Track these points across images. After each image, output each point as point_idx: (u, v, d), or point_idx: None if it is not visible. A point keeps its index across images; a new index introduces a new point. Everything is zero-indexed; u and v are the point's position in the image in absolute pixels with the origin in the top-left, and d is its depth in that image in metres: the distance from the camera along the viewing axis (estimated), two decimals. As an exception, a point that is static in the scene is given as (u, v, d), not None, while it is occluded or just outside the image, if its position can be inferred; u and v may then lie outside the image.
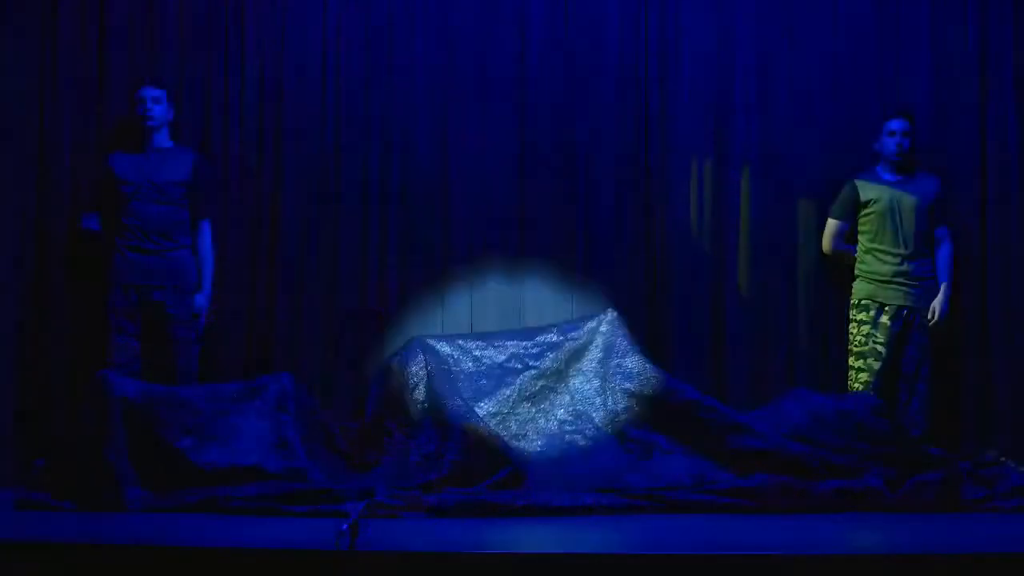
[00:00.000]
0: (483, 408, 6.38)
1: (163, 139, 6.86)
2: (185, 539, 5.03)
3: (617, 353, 6.55)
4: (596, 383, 6.51)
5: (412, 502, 5.78)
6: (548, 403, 6.47)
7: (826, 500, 5.94)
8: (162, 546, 4.81)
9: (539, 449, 6.31)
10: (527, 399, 6.46)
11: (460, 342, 6.62)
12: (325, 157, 7.19)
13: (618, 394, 6.45)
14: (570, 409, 6.45)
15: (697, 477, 6.11)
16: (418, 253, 7.20)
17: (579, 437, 6.37)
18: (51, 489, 5.89)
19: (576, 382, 6.53)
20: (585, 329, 6.64)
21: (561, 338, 6.63)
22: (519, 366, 6.56)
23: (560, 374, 6.56)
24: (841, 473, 6.06)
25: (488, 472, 6.05)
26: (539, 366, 6.57)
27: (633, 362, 6.52)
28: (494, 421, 6.34)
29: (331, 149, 7.20)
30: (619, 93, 7.29)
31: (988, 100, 7.27)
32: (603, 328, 6.62)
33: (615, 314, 6.68)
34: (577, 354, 6.59)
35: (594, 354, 6.58)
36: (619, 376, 6.49)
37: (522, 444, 6.31)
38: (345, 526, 4.45)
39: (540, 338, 6.65)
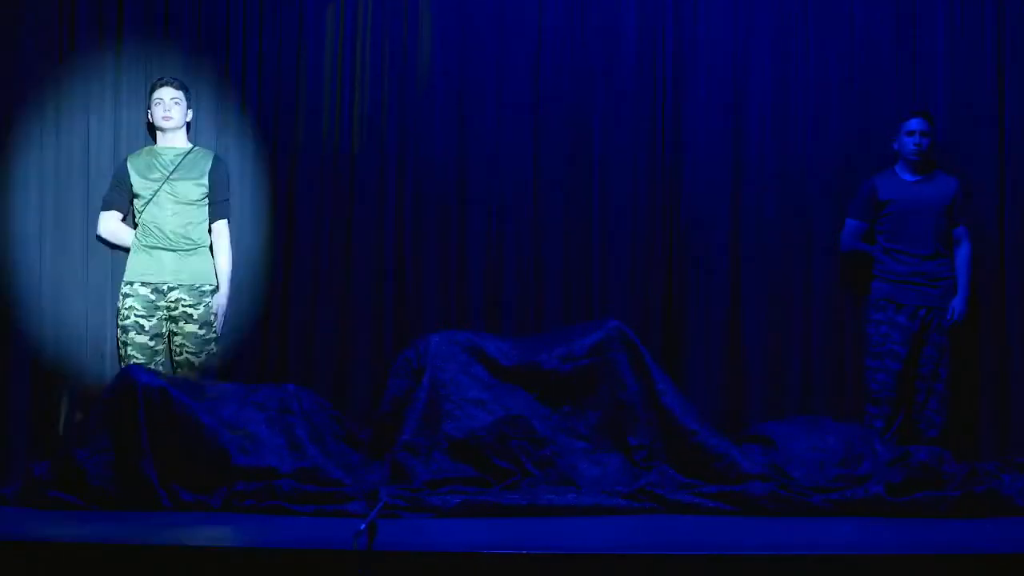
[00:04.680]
0: (487, 414, 6.34)
1: (181, 140, 6.88)
2: (199, 539, 5.04)
3: (620, 384, 6.44)
4: (600, 414, 6.43)
5: (415, 503, 5.79)
6: (554, 422, 6.42)
7: (822, 509, 5.91)
8: (174, 546, 4.83)
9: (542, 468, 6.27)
10: (532, 415, 6.41)
11: (472, 343, 6.56)
12: (340, 158, 7.20)
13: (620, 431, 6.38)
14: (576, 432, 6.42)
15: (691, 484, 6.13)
16: (433, 254, 7.21)
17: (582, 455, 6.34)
18: (62, 487, 5.91)
19: (581, 409, 6.46)
20: (591, 348, 6.51)
21: (567, 365, 6.48)
22: (528, 376, 6.49)
23: (565, 401, 6.48)
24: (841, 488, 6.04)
25: (482, 480, 6.08)
26: (546, 384, 6.47)
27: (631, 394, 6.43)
28: (493, 431, 6.29)
29: (346, 150, 7.21)
30: (635, 95, 7.28)
31: (1006, 99, 7.25)
32: (611, 355, 6.48)
33: (619, 326, 6.56)
34: (581, 380, 6.48)
35: (599, 384, 6.46)
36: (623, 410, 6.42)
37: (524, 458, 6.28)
38: (363, 526, 4.45)
39: (546, 356, 6.52)
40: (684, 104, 7.28)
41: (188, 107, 6.87)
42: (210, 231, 6.85)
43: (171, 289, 6.74)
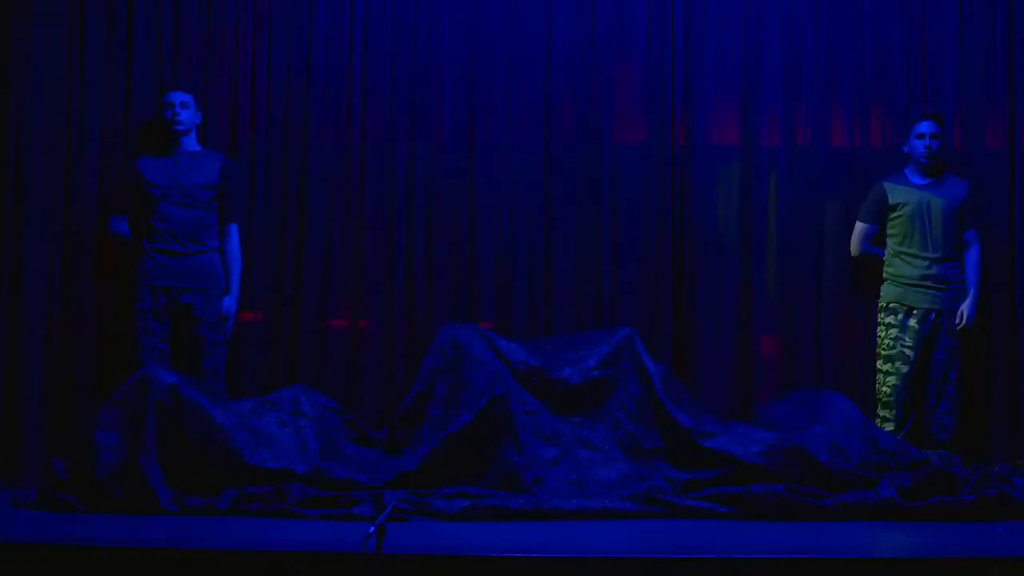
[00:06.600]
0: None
1: (191, 143, 6.88)
2: (209, 540, 5.04)
3: (629, 396, 6.47)
4: (612, 423, 6.45)
5: (420, 507, 5.79)
6: (562, 427, 6.44)
7: (833, 513, 5.89)
8: (185, 548, 4.83)
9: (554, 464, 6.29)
10: (544, 417, 6.42)
11: (494, 343, 6.58)
12: (351, 159, 7.20)
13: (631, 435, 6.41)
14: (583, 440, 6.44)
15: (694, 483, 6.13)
16: (443, 255, 7.21)
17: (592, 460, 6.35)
18: (74, 490, 5.91)
19: (592, 419, 6.48)
20: (601, 360, 6.53)
21: (577, 377, 6.50)
22: (540, 382, 6.51)
23: (575, 411, 6.49)
24: (853, 487, 6.01)
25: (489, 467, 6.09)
26: (556, 393, 6.50)
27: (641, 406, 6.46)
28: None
29: (356, 150, 7.21)
30: (645, 94, 7.27)
31: (1017, 100, 7.23)
32: (622, 365, 6.50)
33: (631, 335, 6.58)
34: (591, 392, 6.51)
35: (609, 396, 6.49)
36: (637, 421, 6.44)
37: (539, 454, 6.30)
38: (372, 529, 4.45)
39: (557, 366, 6.53)
40: (694, 105, 7.26)
41: (198, 110, 6.88)
42: (220, 233, 6.86)
43: (181, 292, 6.75)
